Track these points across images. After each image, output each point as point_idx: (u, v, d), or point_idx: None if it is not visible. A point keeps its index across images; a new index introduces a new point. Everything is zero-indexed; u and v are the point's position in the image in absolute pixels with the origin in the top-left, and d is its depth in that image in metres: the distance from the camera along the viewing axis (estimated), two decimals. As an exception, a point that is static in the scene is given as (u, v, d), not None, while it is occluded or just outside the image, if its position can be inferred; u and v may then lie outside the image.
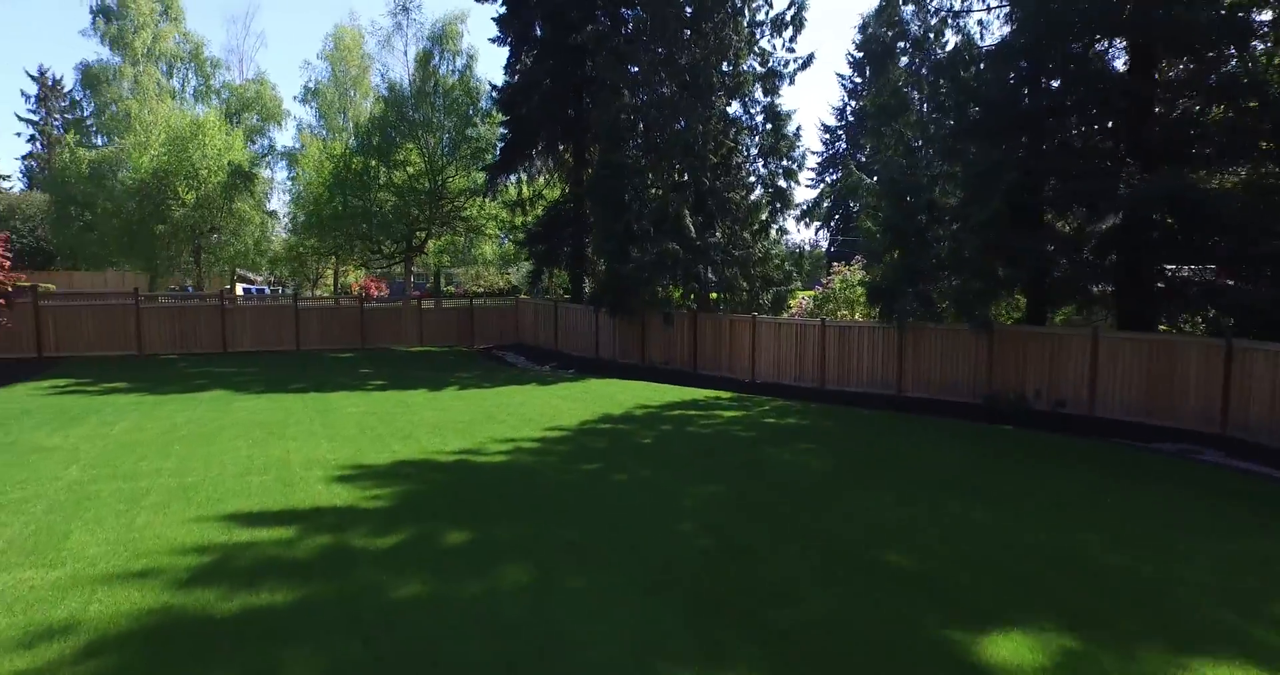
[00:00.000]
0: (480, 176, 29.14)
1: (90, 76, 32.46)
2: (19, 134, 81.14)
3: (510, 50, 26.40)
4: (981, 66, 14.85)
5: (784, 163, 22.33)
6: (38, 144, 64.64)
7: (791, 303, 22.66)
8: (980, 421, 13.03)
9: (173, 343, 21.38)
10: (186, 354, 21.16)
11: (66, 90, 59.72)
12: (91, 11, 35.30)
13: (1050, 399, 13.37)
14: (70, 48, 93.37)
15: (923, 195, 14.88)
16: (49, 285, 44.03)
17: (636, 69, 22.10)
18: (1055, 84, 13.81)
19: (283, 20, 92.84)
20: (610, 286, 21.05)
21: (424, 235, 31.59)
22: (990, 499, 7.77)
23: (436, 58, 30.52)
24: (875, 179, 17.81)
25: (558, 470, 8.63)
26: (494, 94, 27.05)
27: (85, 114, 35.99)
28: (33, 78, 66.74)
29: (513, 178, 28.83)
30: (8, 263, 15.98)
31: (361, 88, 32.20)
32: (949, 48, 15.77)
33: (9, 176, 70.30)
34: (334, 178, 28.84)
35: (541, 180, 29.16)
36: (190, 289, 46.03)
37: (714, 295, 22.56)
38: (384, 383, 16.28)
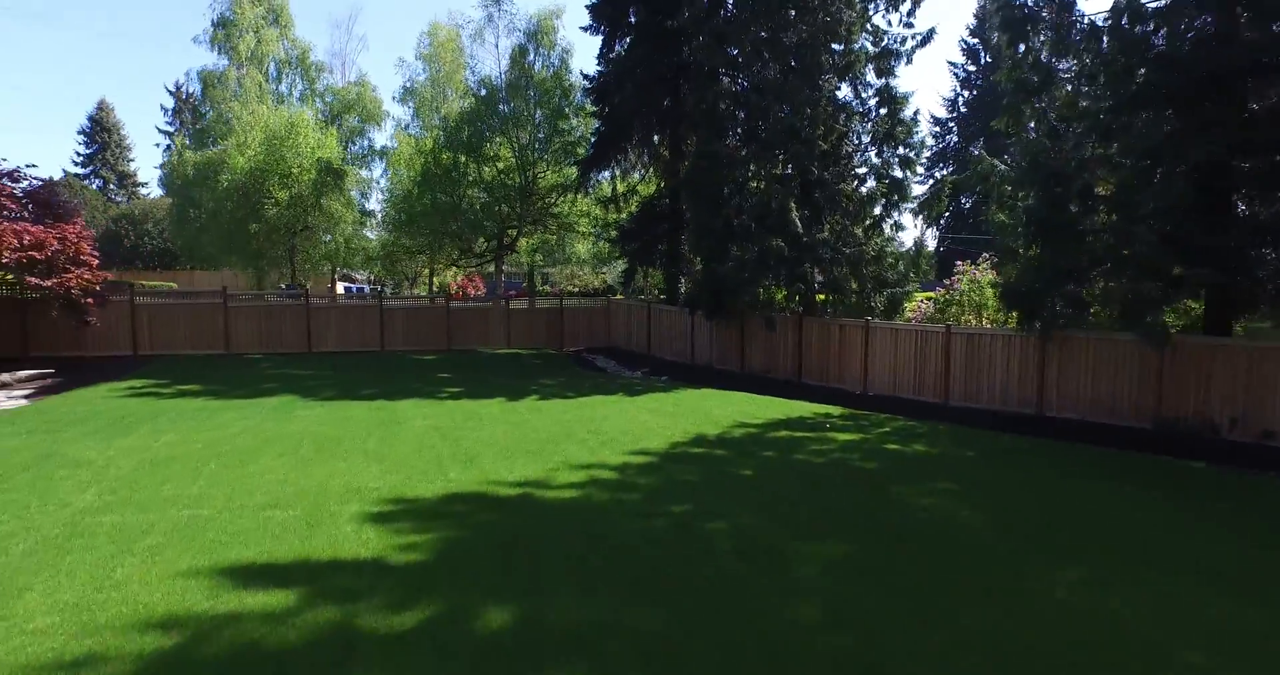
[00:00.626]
0: (572, 172, 28.00)
1: (205, 82, 33.26)
2: (157, 145, 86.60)
3: (603, 39, 25.08)
4: (1151, 26, 12.38)
5: (900, 150, 20.08)
6: (171, 153, 68.43)
7: (908, 306, 20.37)
8: (1153, 453, 10.65)
9: (259, 342, 21.06)
10: (272, 354, 20.78)
11: (198, 103, 62.97)
12: (212, 24, 36.37)
13: (1253, 429, 10.83)
14: (199, 59, 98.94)
15: (1075, 181, 12.51)
16: (171, 284, 45.99)
17: (736, 51, 20.33)
18: (1257, 36, 11.21)
19: (384, 21, 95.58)
20: (707, 287, 19.37)
21: (515, 233, 30.73)
22: (1241, 585, 5.65)
23: (531, 54, 29.58)
24: (1009, 165, 15.45)
25: (638, 514, 7.02)
26: (586, 83, 25.76)
27: (206, 121, 37.11)
28: (170, 92, 70.58)
29: (605, 174, 27.57)
30: (95, 261, 15.76)
31: (454, 83, 31.63)
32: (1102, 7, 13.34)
33: (146, 183, 75.08)
34: (423, 174, 28.29)
35: (636, 175, 27.78)
36: (295, 287, 47.21)
37: (820, 297, 20.53)
38: (460, 390, 15.13)
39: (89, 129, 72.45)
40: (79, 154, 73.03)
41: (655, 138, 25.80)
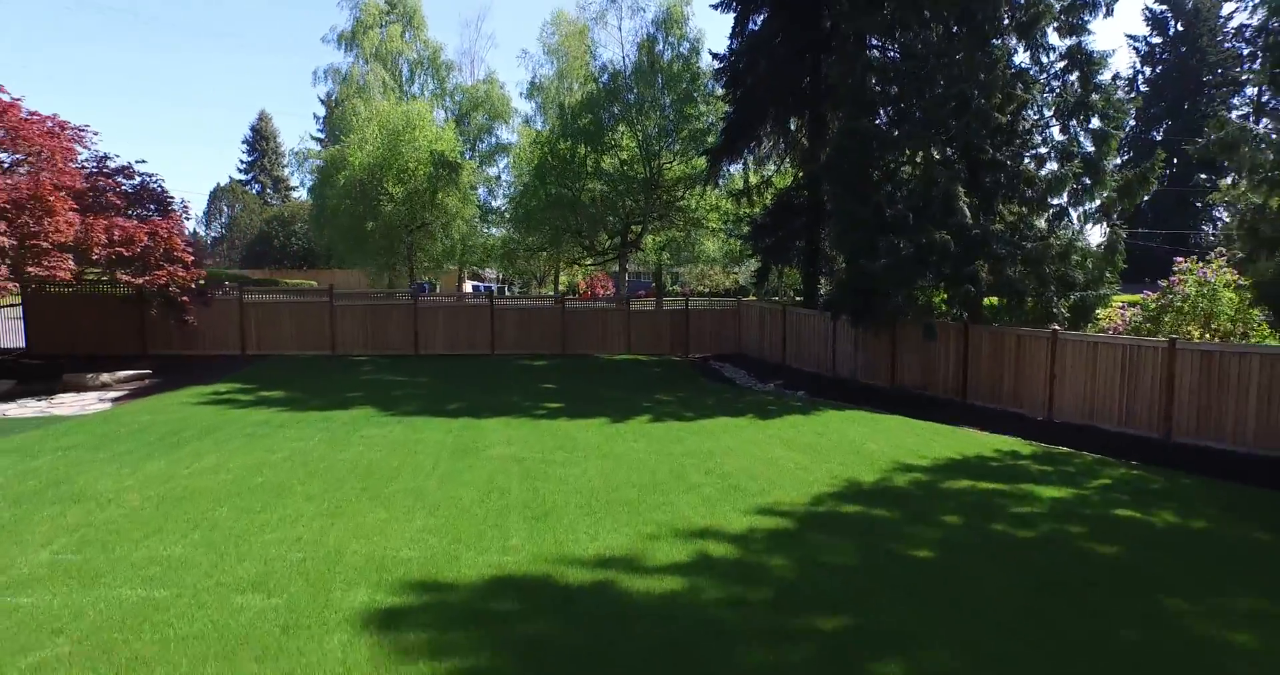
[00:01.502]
0: (700, 162, 25.67)
1: (332, 80, 33.52)
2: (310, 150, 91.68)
3: (735, 16, 22.58)
4: None
5: (1094, 123, 16.49)
6: (296, 154, 71.69)
7: (1101, 313, 16.73)
8: None
9: (364, 343, 20.03)
10: (377, 355, 19.69)
11: (336, 104, 65.45)
12: (351, 29, 36.80)
13: None
14: (328, 58, 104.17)
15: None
16: (312, 282, 47.37)
17: (889, 12, 17.26)
18: None
19: (512, 16, 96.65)
20: (852, 288, 16.52)
21: (640, 229, 28.72)
22: None
23: (660, 44, 27.55)
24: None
25: (765, 632, 4.61)
26: (716, 63, 23.37)
27: (334, 120, 37.66)
28: (321, 101, 74.12)
29: (736, 167, 25.09)
30: (190, 257, 15.01)
31: (577, 74, 30.09)
32: None
33: (297, 187, 79.22)
34: (538, 164, 26.77)
35: (770, 167, 25.15)
36: (426, 286, 47.39)
37: (988, 301, 17.21)
38: (560, 406, 13.14)
39: (250, 138, 77.20)
40: (242, 161, 78.03)
41: (792, 122, 23.13)
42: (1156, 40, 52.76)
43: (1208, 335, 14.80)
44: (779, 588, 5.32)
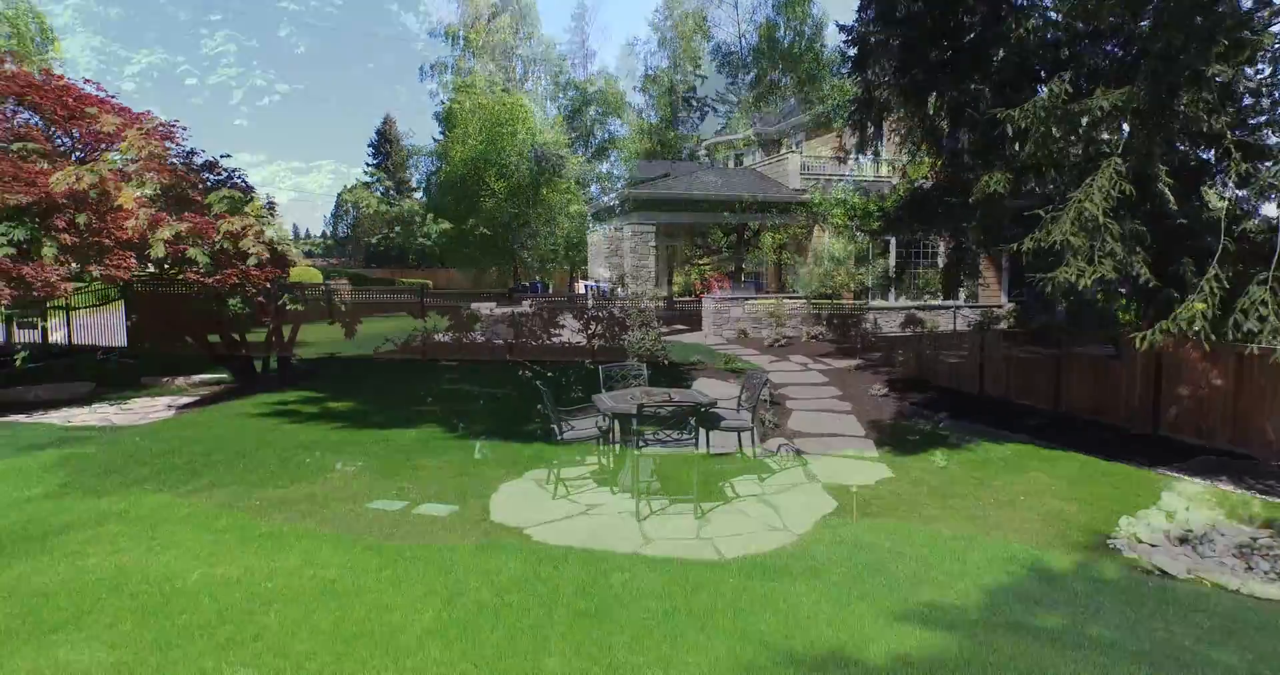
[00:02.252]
0: (824, 151, 23.16)
1: (437, 75, 33.06)
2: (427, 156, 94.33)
3: (864, -11, 19.92)
4: None
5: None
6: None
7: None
8: None
9: (457, 346, 18.78)
10: (466, 359, 18.33)
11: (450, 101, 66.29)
12: (459, 23, 36.43)
13: None
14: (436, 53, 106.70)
15: None
16: (426, 281, 47.69)
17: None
18: None
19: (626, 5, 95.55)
20: (1006, 292, 13.71)
21: (756, 225, 26.41)
22: None
23: (781, 28, 25.25)
24: None
25: None
26: (843, 37, 20.80)
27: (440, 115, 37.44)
28: (441, 100, 75.64)
29: (865, 157, 22.44)
30: (266, 255, 14.07)
31: (687, 56, 28.13)
32: None
33: (418, 188, 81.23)
34: (646, 156, 24.96)
35: (904, 154, 22.34)
36: (539, 286, 46.66)
37: (1196, 306, 13.89)
38: (650, 430, 11.17)
39: (375, 141, 79.64)
40: (368, 164, 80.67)
41: (930, 102, 20.24)
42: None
43: None
44: None
